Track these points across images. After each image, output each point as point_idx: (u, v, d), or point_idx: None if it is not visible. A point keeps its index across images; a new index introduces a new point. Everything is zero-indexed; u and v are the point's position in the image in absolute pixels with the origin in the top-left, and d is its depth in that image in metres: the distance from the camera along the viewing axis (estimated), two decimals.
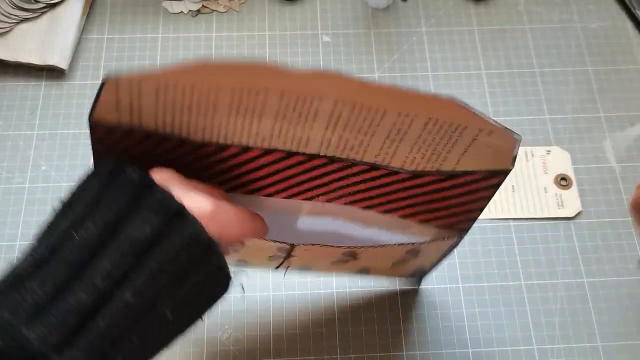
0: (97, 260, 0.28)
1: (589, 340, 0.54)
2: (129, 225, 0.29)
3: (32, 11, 0.66)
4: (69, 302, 0.27)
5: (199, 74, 0.32)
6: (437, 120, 0.41)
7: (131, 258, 0.28)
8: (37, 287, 0.27)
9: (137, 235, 0.29)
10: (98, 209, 0.29)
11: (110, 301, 0.28)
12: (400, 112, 0.40)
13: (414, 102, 0.40)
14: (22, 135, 0.62)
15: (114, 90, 0.32)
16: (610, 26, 0.70)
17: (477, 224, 0.59)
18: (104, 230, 0.29)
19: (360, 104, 0.39)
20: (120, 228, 0.29)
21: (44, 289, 0.27)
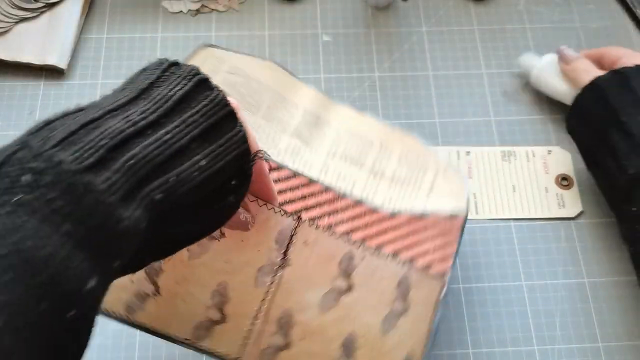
0: (132, 107, 0.31)
1: (590, 341, 0.54)
2: (162, 87, 0.33)
3: (31, 11, 0.65)
4: (103, 130, 0.29)
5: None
6: (406, 155, 0.50)
7: (164, 109, 0.32)
8: (69, 121, 0.29)
9: (171, 93, 0.32)
10: (133, 84, 0.33)
11: (144, 135, 0.30)
12: (382, 143, 0.49)
13: (391, 134, 0.50)
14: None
15: None
16: (610, 26, 0.70)
17: (478, 224, 0.59)
18: (139, 93, 0.32)
19: (356, 132, 0.49)
20: (154, 91, 0.32)
21: (76, 122, 0.29)
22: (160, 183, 0.30)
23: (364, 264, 0.47)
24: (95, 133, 0.29)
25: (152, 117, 0.31)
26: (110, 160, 0.28)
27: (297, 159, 0.48)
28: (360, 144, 0.50)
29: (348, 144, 0.49)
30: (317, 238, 0.47)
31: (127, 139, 0.29)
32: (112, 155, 0.28)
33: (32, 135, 0.29)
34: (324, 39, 0.68)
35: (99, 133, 0.29)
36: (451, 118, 0.64)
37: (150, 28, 0.68)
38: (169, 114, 0.32)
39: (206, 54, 0.50)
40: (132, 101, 0.32)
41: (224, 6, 0.70)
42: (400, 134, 0.51)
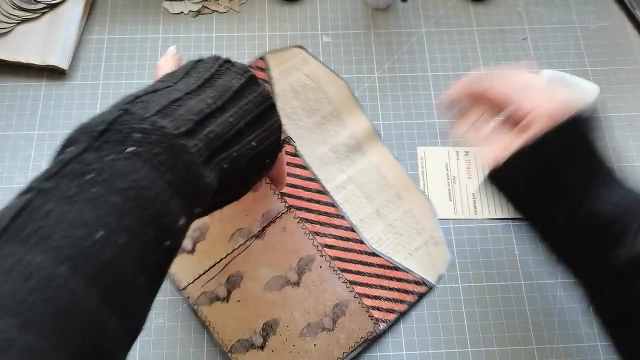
0: (202, 92, 0.39)
1: (588, 340, 0.54)
2: (223, 79, 0.40)
3: (32, 11, 0.66)
4: (188, 108, 0.36)
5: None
6: (412, 213, 0.57)
7: (227, 97, 0.39)
8: (157, 97, 0.36)
9: (230, 85, 0.40)
10: (197, 73, 0.40)
11: (216, 117, 0.38)
12: (398, 193, 0.57)
13: (409, 190, 0.58)
14: (23, 135, 0.62)
15: None
16: (609, 27, 0.70)
17: (477, 224, 0.59)
18: (204, 82, 0.39)
19: (383, 172, 0.58)
20: (216, 81, 0.40)
21: (165, 99, 0.36)
22: (227, 155, 0.37)
23: (319, 271, 0.54)
24: (184, 109, 0.36)
25: (219, 103, 0.38)
26: (196, 131, 0.36)
27: (324, 169, 0.56)
28: (380, 184, 0.57)
29: (370, 178, 0.57)
30: (294, 230, 0.54)
31: (206, 117, 0.37)
32: (197, 128, 0.36)
33: (130, 105, 0.36)
34: (324, 40, 0.68)
35: (187, 109, 0.36)
36: (451, 118, 0.64)
37: (151, 29, 0.68)
38: (230, 102, 0.39)
39: (296, 52, 0.60)
40: (201, 87, 0.39)
41: (225, 7, 0.70)
42: (417, 194, 0.56)
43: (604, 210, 0.39)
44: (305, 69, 0.59)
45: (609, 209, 0.39)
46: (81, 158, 0.33)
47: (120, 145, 0.33)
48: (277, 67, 0.60)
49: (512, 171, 0.43)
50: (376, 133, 0.58)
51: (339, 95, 0.59)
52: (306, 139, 0.58)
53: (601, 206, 0.40)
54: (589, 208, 0.40)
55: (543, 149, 0.42)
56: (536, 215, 0.44)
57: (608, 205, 0.39)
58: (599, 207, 0.40)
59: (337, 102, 0.59)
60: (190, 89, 0.38)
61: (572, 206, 0.40)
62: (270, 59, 0.60)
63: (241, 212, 0.55)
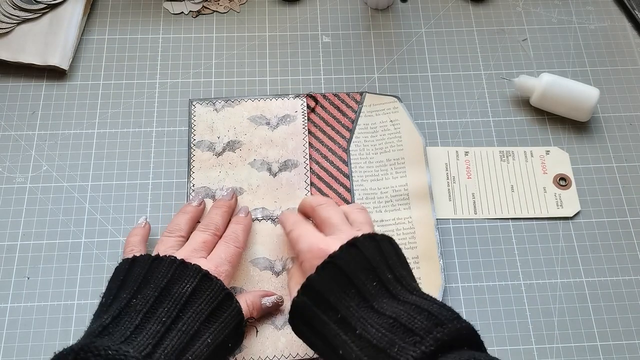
0: (159, 307, 0.45)
1: (588, 340, 0.55)
2: (178, 285, 0.46)
3: (33, 12, 0.66)
4: (147, 331, 0.43)
5: None
6: (421, 282, 0.57)
7: (180, 305, 0.45)
8: (124, 325, 0.43)
9: (184, 290, 0.46)
10: (154, 281, 0.47)
11: (172, 329, 0.44)
12: (418, 257, 0.58)
13: (431, 260, 0.58)
14: (24, 135, 0.62)
15: None
16: (609, 27, 0.70)
17: (476, 224, 0.59)
18: (160, 293, 0.46)
19: (415, 230, 0.60)
20: (171, 289, 0.46)
21: (129, 327, 0.43)
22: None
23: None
24: (142, 335, 0.43)
25: (174, 314, 0.45)
26: (154, 352, 0.42)
27: (364, 201, 0.59)
28: (407, 241, 0.58)
29: (400, 231, 0.58)
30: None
31: (162, 337, 0.43)
32: (155, 349, 0.42)
33: (96, 338, 0.42)
34: (324, 40, 0.68)
35: (145, 334, 0.43)
36: (450, 118, 0.64)
37: (151, 29, 0.68)
38: (184, 308, 0.45)
39: (392, 100, 0.64)
40: (158, 300, 0.45)
41: (225, 7, 0.70)
42: (436, 269, 0.56)
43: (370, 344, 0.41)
44: (393, 116, 0.63)
45: (374, 340, 0.41)
46: None
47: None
48: (369, 105, 0.64)
49: (295, 318, 0.47)
50: (429, 194, 0.59)
51: (412, 147, 0.61)
52: (364, 169, 0.61)
53: (367, 337, 0.41)
54: (359, 344, 0.41)
55: (309, 292, 0.46)
56: (324, 357, 0.46)
57: (373, 336, 0.41)
58: (366, 338, 0.41)
59: (407, 152, 0.61)
60: (147, 305, 0.45)
61: (346, 341, 0.42)
62: (367, 97, 0.64)
63: (273, 197, 0.59)
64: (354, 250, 0.46)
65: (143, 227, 0.55)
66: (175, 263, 0.48)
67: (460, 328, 0.40)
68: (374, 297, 0.43)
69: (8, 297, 0.55)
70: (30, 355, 0.53)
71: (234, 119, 0.63)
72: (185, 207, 0.56)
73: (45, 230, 0.58)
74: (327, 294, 0.44)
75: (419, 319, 0.40)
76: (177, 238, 0.53)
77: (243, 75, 0.66)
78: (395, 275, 0.45)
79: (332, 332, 0.43)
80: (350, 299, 0.44)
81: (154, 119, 0.63)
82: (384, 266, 0.45)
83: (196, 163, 0.61)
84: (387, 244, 0.47)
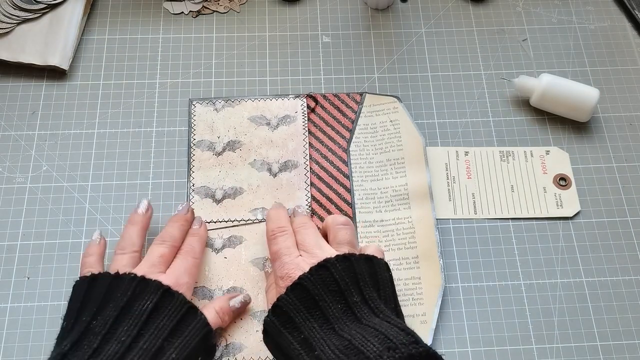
0: (119, 327, 0.44)
1: (588, 340, 0.55)
2: (138, 302, 0.46)
3: (33, 12, 0.66)
4: (105, 355, 0.43)
5: None
6: (420, 282, 0.57)
7: (141, 322, 0.45)
8: (82, 350, 0.43)
9: (144, 307, 0.46)
10: (114, 301, 0.46)
11: (132, 348, 0.43)
12: (417, 256, 0.58)
13: (431, 259, 0.58)
14: (24, 135, 0.62)
15: None
16: (609, 27, 0.70)
17: (476, 224, 0.59)
18: (120, 312, 0.45)
19: (415, 230, 0.59)
20: (131, 306, 0.46)
21: (87, 351, 0.43)
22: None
23: None
24: (101, 357, 0.43)
25: (134, 332, 0.44)
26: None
27: (364, 201, 0.59)
28: (407, 241, 0.58)
29: (400, 231, 0.58)
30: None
31: (122, 356, 0.43)
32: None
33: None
34: (324, 40, 0.68)
35: (104, 357, 0.43)
36: (450, 118, 0.64)
37: (151, 29, 0.68)
38: (146, 326, 0.45)
39: (392, 100, 0.64)
40: (118, 319, 0.45)
41: (225, 7, 0.70)
42: (436, 268, 0.56)
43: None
44: (393, 116, 0.63)
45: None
46: None
47: None
48: (369, 105, 0.64)
49: (266, 337, 0.48)
50: (429, 194, 0.59)
51: (412, 147, 0.61)
52: (364, 170, 0.61)
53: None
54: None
55: (277, 313, 0.47)
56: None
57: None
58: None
59: (407, 152, 0.61)
60: (107, 327, 0.44)
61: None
62: (367, 97, 0.64)
63: (273, 197, 0.59)
64: (323, 271, 0.47)
65: (98, 245, 0.53)
66: (135, 280, 0.47)
67: (413, 354, 0.40)
68: (337, 320, 0.44)
69: (8, 297, 0.55)
70: (30, 355, 0.53)
71: (234, 119, 0.63)
72: (133, 217, 0.54)
73: (45, 230, 0.58)
74: (294, 314, 0.45)
75: (372, 342, 0.41)
76: (132, 254, 0.52)
77: (243, 75, 0.66)
78: (363, 297, 0.46)
79: (296, 352, 0.44)
80: (314, 320, 0.45)
81: (154, 119, 0.63)
82: (352, 287, 0.46)
83: (196, 163, 0.61)
84: (362, 264, 0.48)
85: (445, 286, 0.56)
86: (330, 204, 0.59)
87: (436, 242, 0.57)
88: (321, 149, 0.62)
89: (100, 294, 0.47)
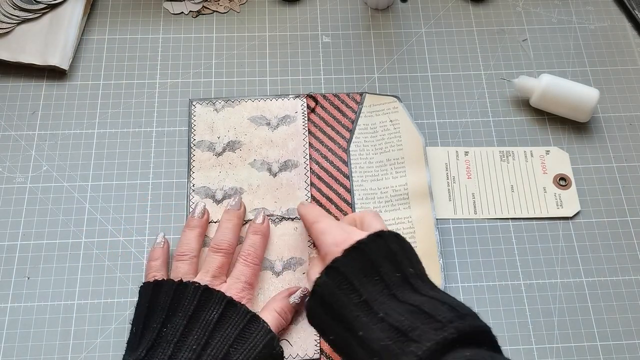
0: (189, 335, 0.47)
1: (588, 340, 0.55)
2: (205, 312, 0.48)
3: (33, 12, 0.66)
4: (182, 359, 0.46)
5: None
6: None
7: (208, 332, 0.47)
8: (158, 357, 0.46)
9: (211, 317, 0.48)
10: (182, 309, 0.49)
11: (202, 356, 0.46)
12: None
13: (431, 260, 0.57)
14: (24, 135, 0.62)
15: None
16: (609, 27, 0.70)
17: (476, 224, 0.59)
18: (189, 320, 0.48)
19: (415, 230, 0.59)
20: (199, 316, 0.48)
21: (162, 358, 0.46)
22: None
23: (300, 275, 0.56)
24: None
25: (203, 341, 0.47)
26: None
27: (364, 201, 0.60)
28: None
29: (400, 231, 0.57)
30: (302, 234, 0.58)
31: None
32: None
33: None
34: (324, 40, 0.68)
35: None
36: (450, 118, 0.64)
37: (151, 29, 0.68)
38: (213, 334, 0.47)
39: (392, 100, 0.64)
40: (187, 327, 0.47)
41: (225, 7, 0.70)
42: (436, 268, 0.56)
43: (381, 337, 0.41)
44: (393, 116, 0.63)
45: (384, 335, 0.40)
46: None
47: None
48: (369, 105, 0.64)
49: (315, 301, 0.46)
50: (429, 194, 0.59)
51: (412, 147, 0.61)
52: (364, 170, 0.61)
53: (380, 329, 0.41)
54: (369, 334, 0.41)
55: (333, 274, 0.45)
56: (340, 344, 0.45)
57: (383, 331, 0.41)
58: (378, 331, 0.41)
59: (407, 152, 0.61)
60: (177, 335, 0.47)
61: (357, 331, 0.42)
62: (367, 97, 0.64)
63: (273, 197, 0.59)
64: (380, 240, 0.46)
65: (163, 248, 0.55)
66: (199, 290, 0.49)
67: (479, 325, 0.40)
68: (396, 287, 0.43)
69: (8, 297, 0.55)
70: (30, 355, 0.53)
71: (234, 119, 0.63)
72: (190, 222, 0.56)
73: (45, 230, 0.58)
74: (351, 277, 0.44)
75: (441, 309, 0.40)
76: (191, 260, 0.54)
77: (243, 75, 0.66)
78: (417, 272, 0.45)
79: (353, 314, 0.43)
80: (373, 285, 0.43)
81: (154, 119, 0.63)
82: (407, 261, 0.45)
83: (196, 163, 0.61)
84: (408, 245, 0.47)
85: (445, 286, 0.56)
86: (330, 204, 0.59)
87: (436, 242, 0.57)
88: (321, 149, 0.62)
89: (166, 302, 0.49)
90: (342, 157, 0.61)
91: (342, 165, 0.61)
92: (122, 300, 0.55)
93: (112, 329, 0.54)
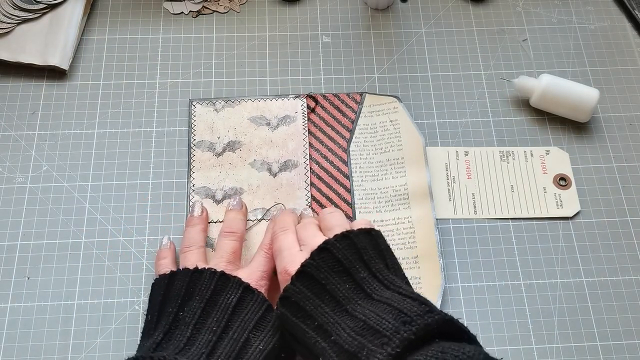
0: (208, 318, 0.47)
1: (588, 340, 0.55)
2: (223, 296, 0.48)
3: (33, 12, 0.66)
4: (200, 341, 0.45)
5: None
6: (420, 283, 0.57)
7: (228, 315, 0.47)
8: (176, 339, 0.45)
9: (229, 302, 0.48)
10: (199, 294, 0.48)
11: (223, 337, 0.46)
12: (417, 257, 0.58)
13: (430, 259, 0.57)
14: (24, 135, 0.62)
15: None
16: (609, 27, 0.70)
17: (476, 224, 0.59)
18: (206, 304, 0.47)
19: (415, 230, 0.59)
20: (216, 300, 0.48)
21: (181, 339, 0.45)
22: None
23: None
24: (196, 346, 0.45)
25: (223, 324, 0.46)
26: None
27: (364, 201, 0.59)
28: (406, 241, 0.58)
29: (400, 231, 0.58)
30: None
31: (214, 346, 0.45)
32: (208, 358, 0.44)
33: (154, 353, 0.44)
34: (324, 40, 0.68)
35: (198, 345, 0.45)
36: (450, 118, 0.64)
37: (151, 29, 0.68)
38: (232, 318, 0.47)
39: (392, 100, 0.64)
40: (205, 310, 0.47)
41: (225, 7, 0.70)
42: (435, 268, 0.56)
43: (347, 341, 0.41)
44: (393, 116, 0.63)
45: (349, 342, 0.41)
46: None
47: None
48: (369, 105, 0.64)
49: (282, 327, 0.47)
50: (429, 194, 0.59)
51: (412, 147, 0.61)
52: (364, 170, 0.61)
53: (344, 337, 0.41)
54: (334, 341, 0.42)
55: (286, 304, 0.46)
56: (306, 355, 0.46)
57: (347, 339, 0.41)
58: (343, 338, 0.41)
59: (407, 152, 0.61)
60: (195, 317, 0.46)
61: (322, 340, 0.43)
62: (367, 97, 0.64)
63: (272, 197, 0.59)
64: (324, 254, 0.46)
65: (169, 249, 0.55)
66: (216, 275, 0.49)
67: (429, 323, 0.39)
68: (348, 300, 0.44)
69: (8, 297, 0.55)
70: (30, 355, 0.53)
71: (234, 119, 0.63)
72: (190, 220, 0.56)
73: (45, 230, 0.58)
74: (303, 303, 0.45)
75: (387, 319, 0.40)
76: (199, 249, 0.54)
77: (243, 75, 0.66)
78: (370, 271, 0.45)
79: (312, 340, 0.43)
80: (325, 305, 0.44)
81: (154, 119, 0.63)
82: (357, 264, 0.45)
83: (196, 163, 0.61)
84: (362, 238, 0.47)
85: (445, 286, 0.56)
86: (330, 204, 0.59)
87: (436, 242, 0.57)
88: (321, 149, 0.62)
89: (181, 287, 0.48)
90: (342, 157, 0.61)
91: (342, 165, 0.61)
92: (122, 300, 0.55)
93: (112, 329, 0.54)
